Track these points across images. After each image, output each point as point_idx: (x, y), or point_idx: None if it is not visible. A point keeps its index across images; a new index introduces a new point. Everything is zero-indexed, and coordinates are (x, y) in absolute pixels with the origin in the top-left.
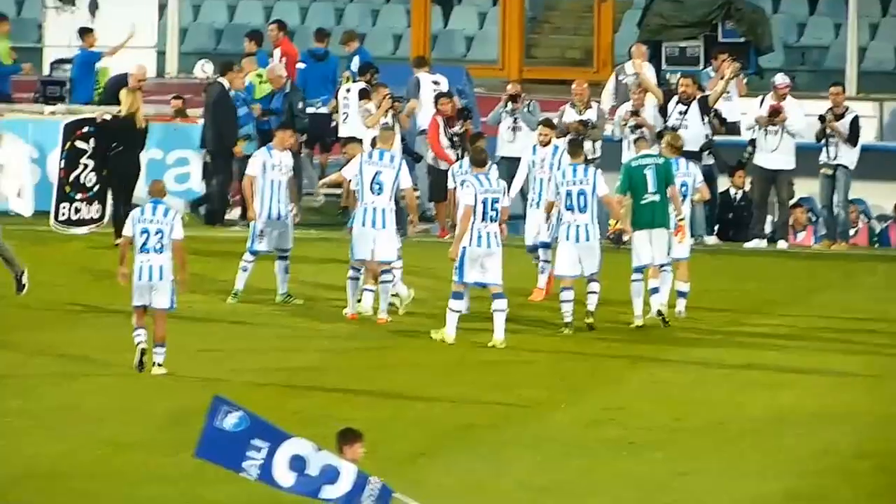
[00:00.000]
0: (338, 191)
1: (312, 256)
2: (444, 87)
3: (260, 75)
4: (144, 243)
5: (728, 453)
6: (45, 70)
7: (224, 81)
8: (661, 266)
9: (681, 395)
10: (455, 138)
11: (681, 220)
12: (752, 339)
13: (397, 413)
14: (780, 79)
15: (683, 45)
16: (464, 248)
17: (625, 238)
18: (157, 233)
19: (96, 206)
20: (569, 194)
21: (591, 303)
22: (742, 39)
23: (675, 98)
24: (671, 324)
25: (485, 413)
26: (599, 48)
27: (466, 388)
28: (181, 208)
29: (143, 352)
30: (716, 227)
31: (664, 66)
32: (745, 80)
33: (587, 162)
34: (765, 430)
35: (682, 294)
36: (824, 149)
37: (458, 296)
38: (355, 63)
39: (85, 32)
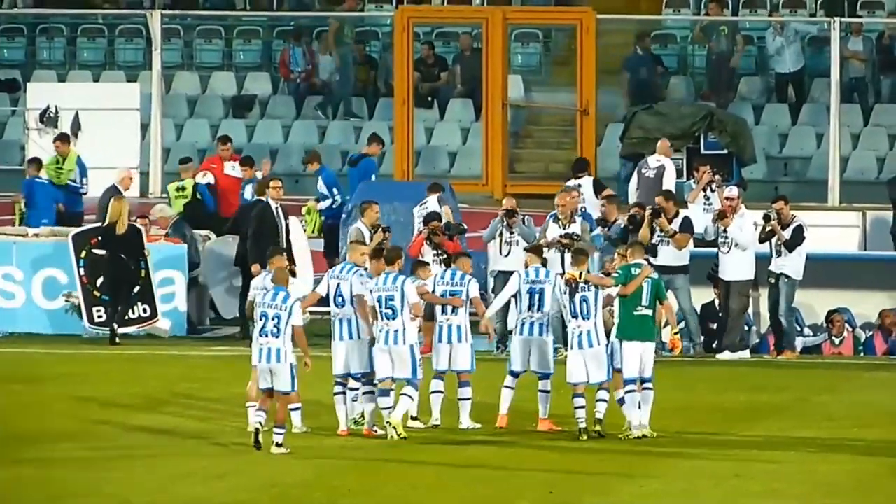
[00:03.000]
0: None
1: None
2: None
3: (182, 187)
4: (263, 327)
5: None
6: None
7: (267, 199)
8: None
9: None
10: (440, 254)
11: (675, 333)
12: (740, 448)
13: None
14: (728, 191)
15: None
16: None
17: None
18: (274, 318)
19: (141, 305)
20: (573, 302)
21: (600, 410)
22: (725, 151)
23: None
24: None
25: None
26: None
27: (454, 499)
28: (167, 329)
29: (256, 432)
30: (701, 339)
31: None
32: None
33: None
34: None
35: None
36: (773, 258)
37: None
38: (320, 184)
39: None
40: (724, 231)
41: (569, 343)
